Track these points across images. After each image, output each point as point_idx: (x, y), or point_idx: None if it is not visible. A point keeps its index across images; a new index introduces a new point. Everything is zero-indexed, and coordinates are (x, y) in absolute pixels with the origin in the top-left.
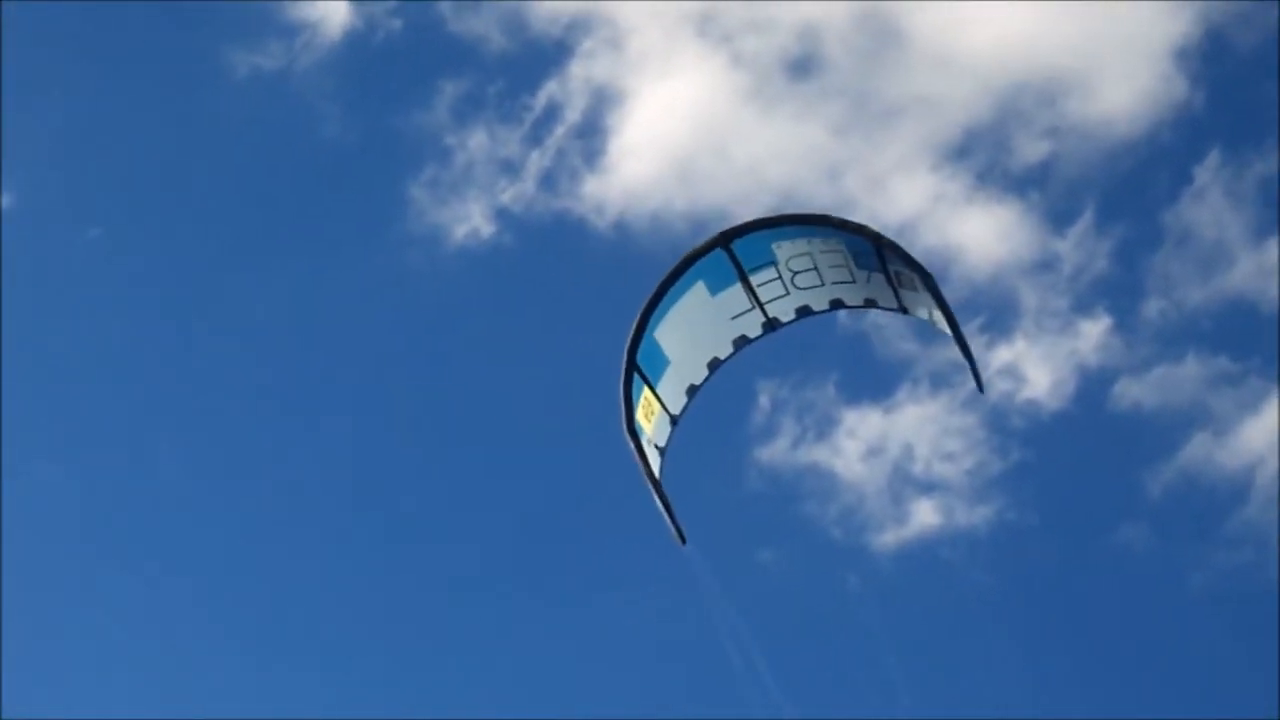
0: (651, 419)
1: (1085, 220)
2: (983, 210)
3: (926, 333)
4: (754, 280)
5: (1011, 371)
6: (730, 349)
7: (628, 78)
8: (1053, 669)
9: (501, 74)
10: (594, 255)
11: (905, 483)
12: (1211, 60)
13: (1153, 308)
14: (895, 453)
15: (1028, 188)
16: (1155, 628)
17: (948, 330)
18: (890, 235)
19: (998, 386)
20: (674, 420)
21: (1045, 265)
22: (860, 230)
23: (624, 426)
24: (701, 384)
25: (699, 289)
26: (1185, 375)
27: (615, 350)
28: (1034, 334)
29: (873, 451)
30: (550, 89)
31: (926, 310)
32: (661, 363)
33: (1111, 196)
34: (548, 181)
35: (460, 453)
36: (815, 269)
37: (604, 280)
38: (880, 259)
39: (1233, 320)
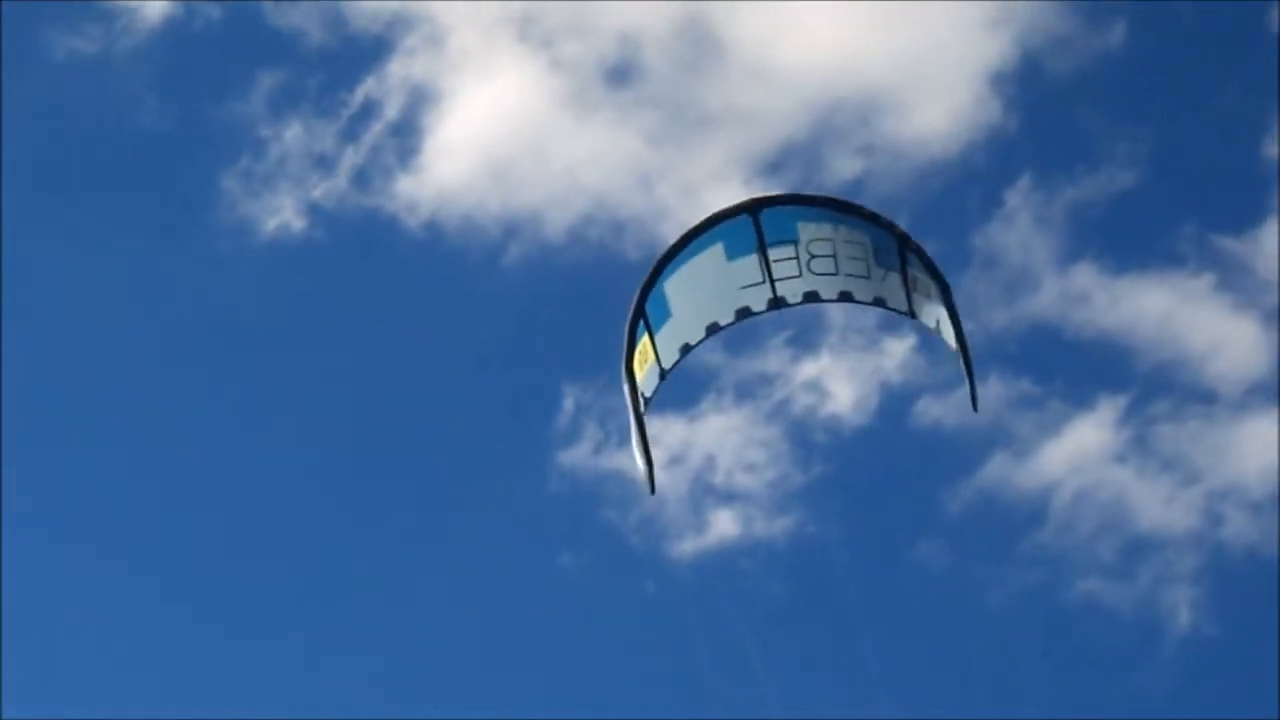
0: (644, 367)
1: None
2: None
3: (733, 344)
4: (771, 255)
5: (815, 386)
6: (732, 317)
7: (446, 77)
8: (848, 680)
9: (320, 68)
10: (405, 253)
11: (706, 492)
12: (1027, 85)
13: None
14: (697, 462)
15: None
16: (950, 644)
17: (952, 343)
18: None
19: (801, 400)
20: (663, 374)
21: None
22: (890, 228)
23: (623, 365)
24: (696, 344)
25: (716, 251)
26: (987, 396)
27: (426, 347)
28: (840, 350)
29: (675, 460)
30: (368, 85)
31: (935, 320)
32: (664, 314)
33: (922, 216)
34: (361, 178)
35: (262, 445)
36: (834, 257)
37: (414, 279)
38: (901, 259)
39: (1037, 343)
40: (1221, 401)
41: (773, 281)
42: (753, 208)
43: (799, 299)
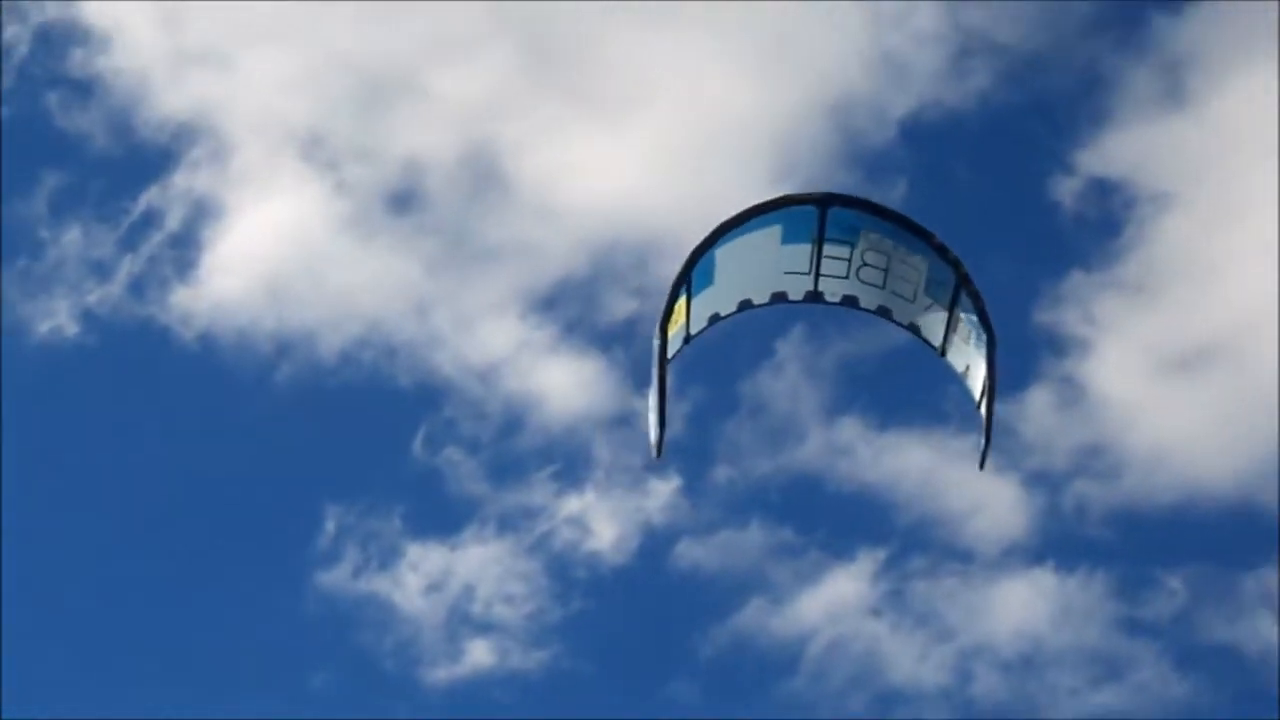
0: (674, 328)
1: None
2: (566, 361)
3: (498, 474)
4: (826, 250)
5: (578, 522)
6: (767, 299)
7: (229, 192)
8: None
9: (104, 173)
10: (176, 365)
11: (463, 621)
12: None
13: (722, 474)
14: (456, 590)
15: (613, 344)
16: None
17: (977, 395)
18: (472, 378)
19: (563, 535)
20: (688, 338)
21: (623, 421)
22: (955, 265)
23: (659, 321)
24: (725, 316)
25: (773, 232)
26: (748, 542)
27: (191, 460)
28: (605, 487)
29: (434, 587)
30: (151, 194)
31: (965, 366)
32: (707, 281)
33: (691, 360)
34: (137, 287)
35: (9, 553)
36: (885, 271)
37: (183, 391)
38: (953, 298)
39: (799, 493)
40: (978, 561)
41: (818, 275)
42: (823, 200)
43: (837, 299)
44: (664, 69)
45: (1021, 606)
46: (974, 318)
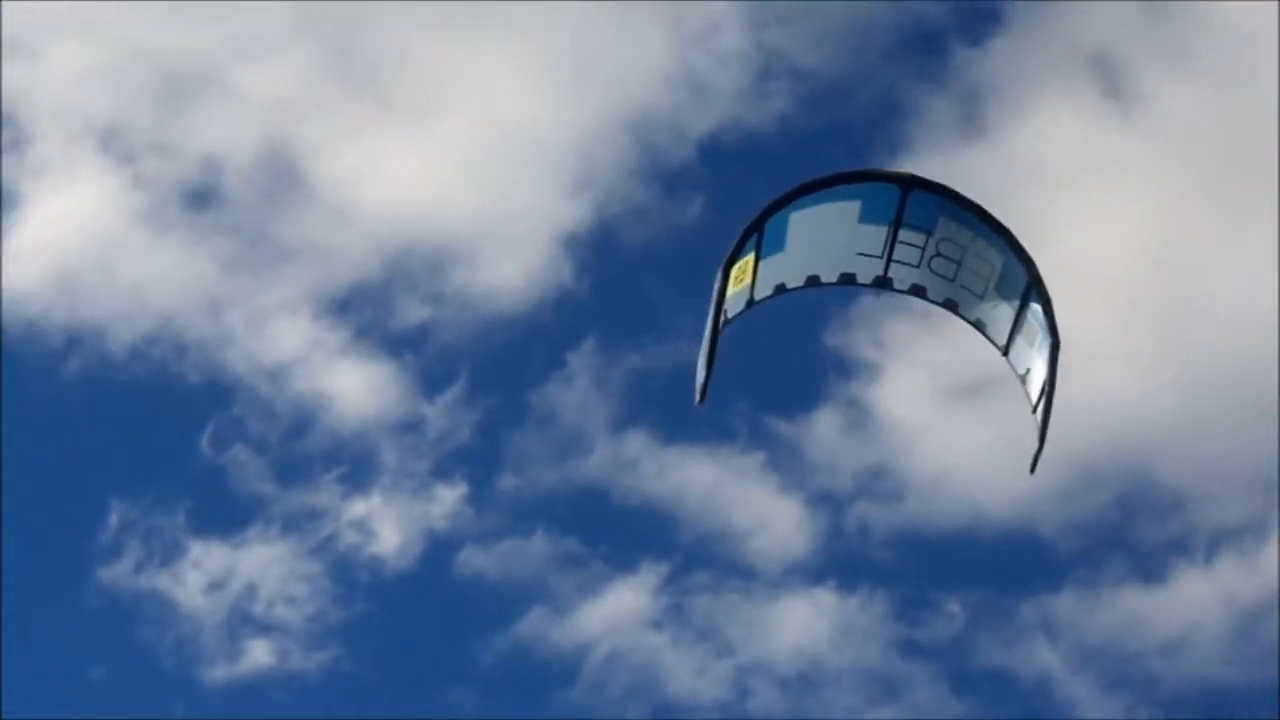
0: (739, 285)
1: (456, 389)
2: (357, 365)
3: (285, 475)
4: (901, 235)
5: (363, 525)
6: (835, 278)
7: (26, 182)
8: None
9: None
10: None
11: (244, 620)
12: (600, 250)
13: (509, 482)
14: (238, 589)
15: (404, 349)
16: None
17: (1034, 397)
18: (262, 378)
19: (347, 538)
20: (751, 301)
21: (411, 427)
22: (1029, 264)
23: (722, 265)
24: (791, 290)
25: (852, 207)
26: (531, 551)
27: None
28: (391, 492)
29: (215, 585)
30: None
31: (1026, 369)
32: (778, 245)
33: (484, 369)
34: None
35: None
36: (958, 264)
37: None
38: (1024, 298)
39: (585, 505)
40: (760, 578)
41: (890, 261)
42: (907, 181)
43: (905, 288)
44: (467, 77)
45: (802, 625)
46: (1041, 320)
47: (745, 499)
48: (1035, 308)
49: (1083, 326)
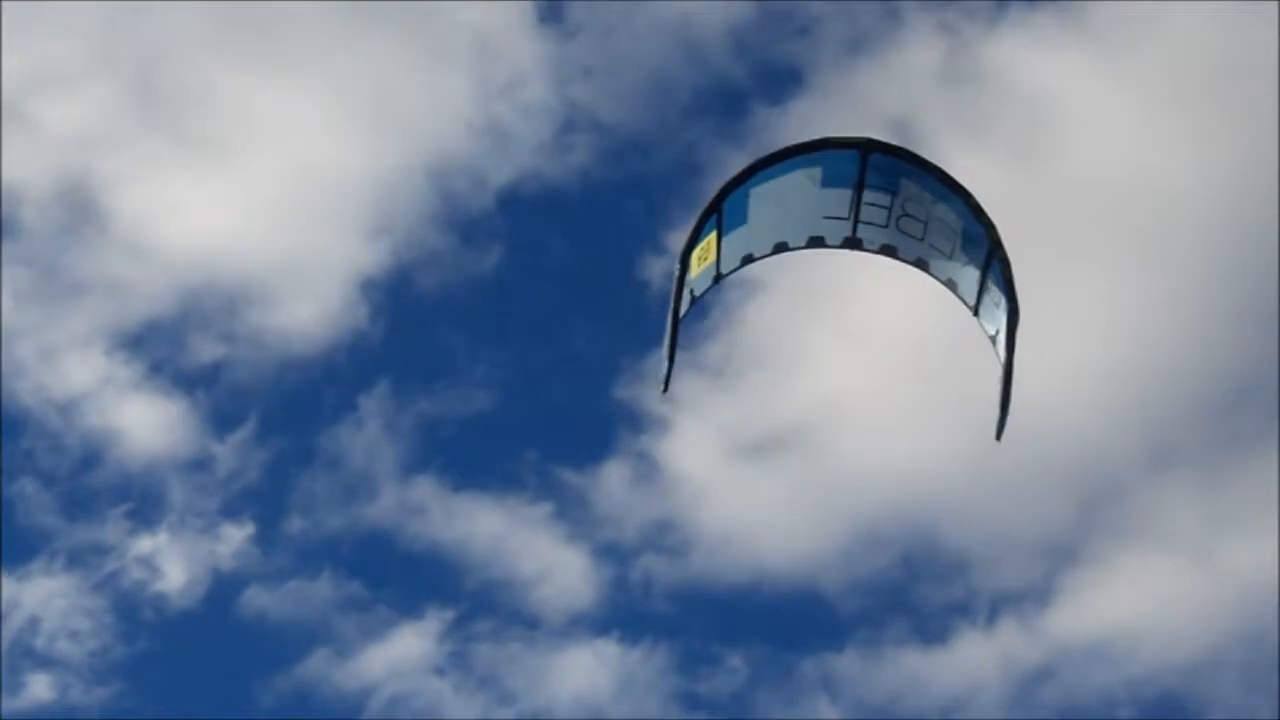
0: (703, 264)
1: (247, 428)
2: (149, 401)
3: (72, 509)
4: (866, 196)
5: (149, 562)
6: (804, 242)
7: None
8: None
9: None
10: None
11: (25, 654)
12: (396, 296)
13: (296, 523)
14: (19, 622)
15: (197, 387)
16: None
17: (1000, 359)
18: (52, 411)
19: (133, 574)
20: (718, 276)
21: (200, 465)
22: (989, 226)
23: (680, 252)
24: (759, 258)
25: (812, 173)
26: (317, 593)
27: None
28: (178, 529)
29: None
30: None
31: (994, 331)
32: (740, 219)
33: (276, 410)
34: None
35: None
36: (925, 223)
37: None
38: (986, 261)
39: (371, 549)
40: (544, 627)
41: (857, 221)
42: (865, 145)
43: (875, 248)
44: (270, 117)
45: (584, 675)
46: (1001, 284)
47: (532, 548)
48: (996, 271)
49: (874, 390)
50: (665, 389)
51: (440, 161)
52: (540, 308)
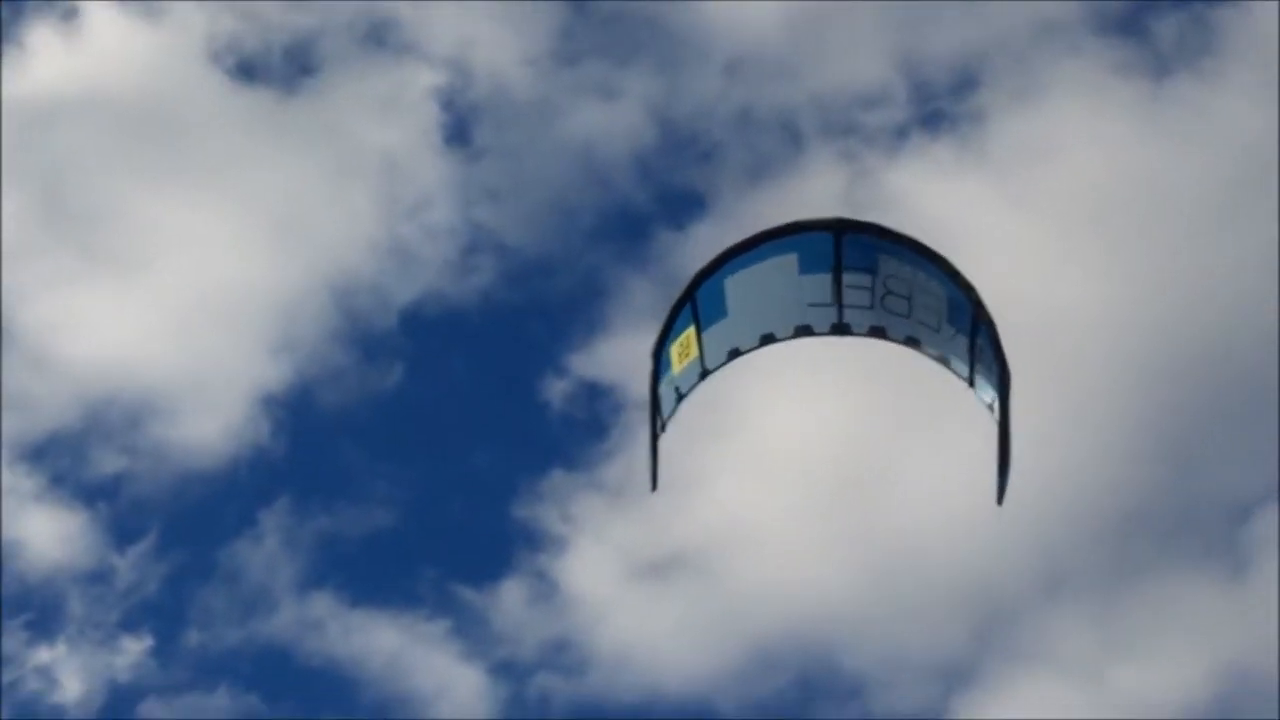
0: (685, 361)
1: (147, 541)
2: (50, 512)
3: None
4: (846, 279)
5: (46, 674)
6: (791, 332)
7: None
8: None
9: None
10: None
11: None
12: (298, 412)
13: (194, 637)
14: None
15: (98, 499)
16: None
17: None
18: None
19: (30, 685)
20: (704, 373)
21: (100, 577)
22: (968, 290)
23: (654, 345)
24: (746, 351)
25: (789, 260)
26: (213, 707)
27: None
28: (76, 641)
29: None
30: None
31: (991, 400)
32: (719, 312)
33: (176, 523)
34: None
35: None
36: (908, 299)
37: None
38: (973, 325)
39: (267, 663)
40: None
41: (842, 306)
42: (836, 227)
43: (864, 331)
44: (175, 233)
45: None
46: (990, 347)
47: (429, 665)
48: (984, 336)
49: (772, 513)
50: (654, 487)
51: (344, 279)
52: (441, 426)
